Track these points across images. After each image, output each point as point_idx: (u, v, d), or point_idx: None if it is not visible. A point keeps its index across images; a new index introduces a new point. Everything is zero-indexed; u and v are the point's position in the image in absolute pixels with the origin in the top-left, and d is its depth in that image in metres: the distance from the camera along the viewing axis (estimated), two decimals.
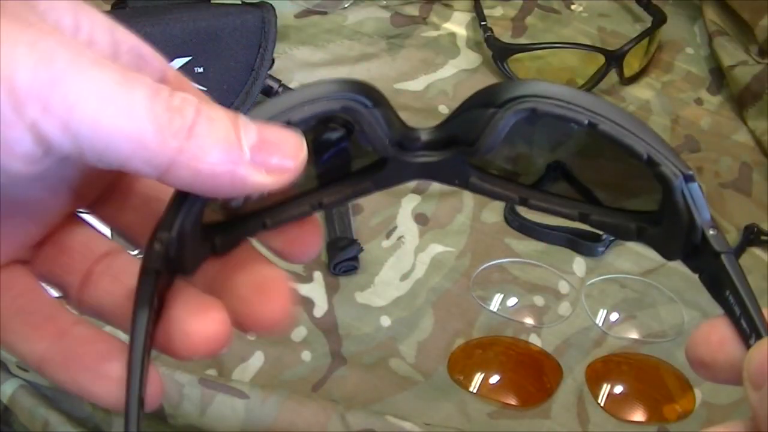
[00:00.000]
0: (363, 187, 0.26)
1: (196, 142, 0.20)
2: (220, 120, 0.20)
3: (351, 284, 0.55)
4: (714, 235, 0.23)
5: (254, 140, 0.20)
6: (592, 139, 0.23)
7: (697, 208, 0.23)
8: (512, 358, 0.52)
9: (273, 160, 0.21)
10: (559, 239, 0.58)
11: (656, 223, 0.24)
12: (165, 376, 0.45)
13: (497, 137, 0.23)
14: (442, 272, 0.56)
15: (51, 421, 0.47)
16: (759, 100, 0.66)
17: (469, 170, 0.25)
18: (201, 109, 0.20)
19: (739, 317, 0.23)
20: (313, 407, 0.45)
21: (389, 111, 0.24)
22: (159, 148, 0.19)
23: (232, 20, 0.60)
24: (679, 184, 0.23)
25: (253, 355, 0.51)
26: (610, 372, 0.52)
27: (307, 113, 0.22)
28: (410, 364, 0.52)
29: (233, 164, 0.20)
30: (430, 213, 0.60)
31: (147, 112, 0.19)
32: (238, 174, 0.20)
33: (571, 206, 0.25)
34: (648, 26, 0.71)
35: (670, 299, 0.55)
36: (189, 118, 0.20)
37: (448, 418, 0.49)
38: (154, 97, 0.19)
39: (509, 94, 0.23)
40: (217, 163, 0.20)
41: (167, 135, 0.19)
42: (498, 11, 0.76)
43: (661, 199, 0.24)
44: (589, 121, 0.22)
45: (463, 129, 0.24)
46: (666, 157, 0.23)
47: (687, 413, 0.50)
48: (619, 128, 0.22)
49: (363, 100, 0.23)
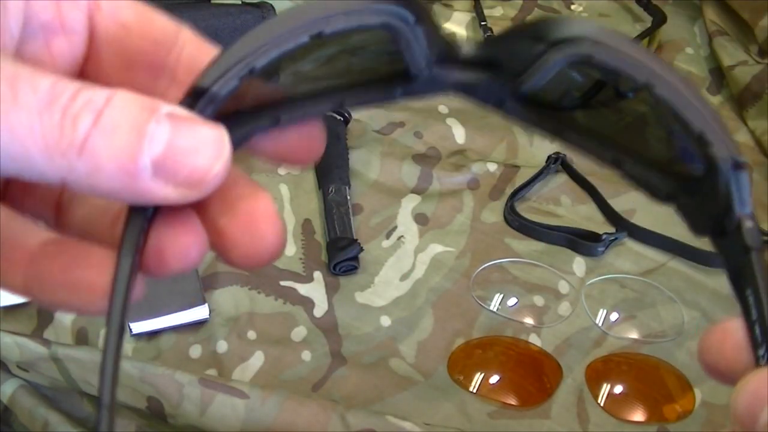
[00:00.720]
0: (390, 94, 0.23)
1: (88, 160, 0.18)
2: (121, 129, 0.18)
3: (351, 284, 0.55)
4: (750, 228, 0.21)
5: (159, 151, 0.18)
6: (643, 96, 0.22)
7: (740, 198, 0.21)
8: (512, 358, 0.52)
9: (180, 174, 0.19)
10: (559, 239, 0.58)
11: (691, 194, 0.23)
12: (165, 376, 0.45)
13: (542, 78, 0.21)
14: (442, 272, 0.56)
15: (51, 421, 0.47)
16: (759, 100, 0.66)
17: (507, 94, 0.23)
18: (101, 116, 0.18)
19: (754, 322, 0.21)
20: (313, 407, 0.45)
21: (432, 28, 0.22)
22: (47, 167, 0.18)
23: (232, 20, 0.60)
24: (727, 170, 0.21)
25: (253, 355, 0.51)
26: (610, 372, 0.52)
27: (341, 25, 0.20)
28: (410, 364, 0.52)
29: (131, 180, 0.18)
30: (430, 213, 0.60)
31: (31, 131, 0.18)
32: (138, 189, 0.18)
33: (607, 148, 0.23)
34: (648, 26, 0.71)
35: (670, 299, 0.56)
36: (83, 130, 0.18)
37: (448, 418, 0.49)
38: (46, 109, 0.18)
39: (564, 33, 0.21)
40: (112, 179, 0.18)
41: (55, 154, 0.18)
42: (498, 11, 0.76)
43: (703, 175, 0.22)
44: (646, 82, 0.21)
45: (508, 56, 0.22)
46: (720, 138, 0.21)
47: (687, 413, 0.50)
48: (676, 95, 0.21)
49: (406, 16, 0.21)
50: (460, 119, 0.66)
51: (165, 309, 0.51)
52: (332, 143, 0.62)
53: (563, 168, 0.63)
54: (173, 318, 0.51)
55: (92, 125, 0.18)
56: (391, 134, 0.65)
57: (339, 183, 0.59)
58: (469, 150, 0.64)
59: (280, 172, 0.62)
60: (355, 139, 0.64)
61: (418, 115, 0.66)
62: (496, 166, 0.63)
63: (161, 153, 0.18)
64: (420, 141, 0.64)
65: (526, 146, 0.65)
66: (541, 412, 0.50)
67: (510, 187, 0.62)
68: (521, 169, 0.63)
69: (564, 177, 0.63)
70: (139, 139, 0.18)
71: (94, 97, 0.18)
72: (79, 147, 0.18)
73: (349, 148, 0.62)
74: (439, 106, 0.67)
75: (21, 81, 0.18)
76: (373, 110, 0.66)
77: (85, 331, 0.51)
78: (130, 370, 0.45)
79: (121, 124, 0.18)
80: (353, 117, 0.64)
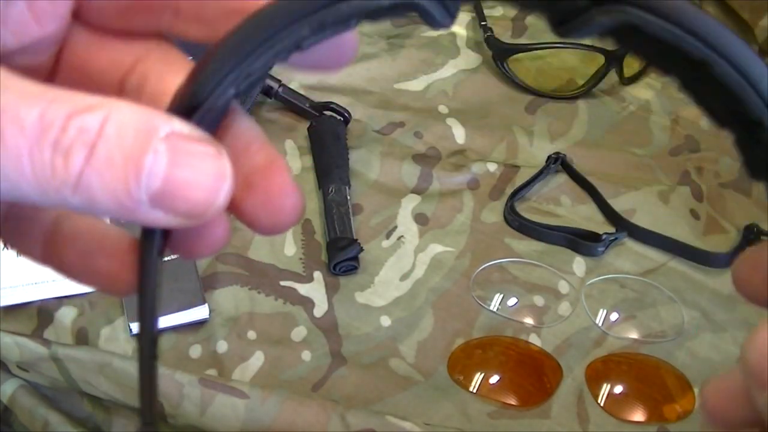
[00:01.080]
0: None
1: (83, 195, 0.17)
2: (116, 164, 0.17)
3: (351, 284, 0.55)
4: None
5: (157, 186, 0.17)
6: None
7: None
8: (512, 358, 0.52)
9: (180, 208, 0.18)
10: (559, 239, 0.58)
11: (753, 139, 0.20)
12: (165, 376, 0.45)
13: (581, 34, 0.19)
14: (442, 272, 0.56)
15: (51, 421, 0.47)
16: None
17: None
18: (95, 150, 0.17)
19: None
20: (313, 407, 0.45)
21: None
22: (40, 201, 0.17)
23: None
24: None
25: (253, 355, 0.51)
26: (610, 372, 0.52)
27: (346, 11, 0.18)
28: (410, 364, 0.52)
29: (129, 212, 0.18)
30: (430, 213, 0.60)
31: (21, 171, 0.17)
32: (137, 218, 0.18)
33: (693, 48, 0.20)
34: None
35: (670, 299, 0.56)
36: (76, 167, 0.17)
37: (448, 418, 0.49)
38: (36, 146, 0.17)
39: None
40: (109, 210, 0.18)
41: (48, 191, 0.17)
42: (498, 11, 0.76)
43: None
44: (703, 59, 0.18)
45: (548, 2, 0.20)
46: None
47: (687, 413, 0.50)
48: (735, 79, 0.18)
49: None
50: (460, 119, 0.66)
51: (165, 309, 0.51)
52: (332, 143, 0.62)
53: (563, 168, 0.63)
54: (173, 318, 0.51)
55: (85, 162, 0.17)
56: (391, 134, 0.65)
57: (339, 183, 0.59)
58: (469, 150, 0.64)
59: None
60: (355, 139, 0.64)
61: (418, 115, 0.66)
62: (496, 166, 0.63)
63: (159, 188, 0.17)
64: (420, 141, 0.64)
65: (526, 146, 0.65)
66: (541, 412, 0.50)
67: (510, 187, 0.62)
68: (521, 169, 0.63)
69: (564, 177, 0.63)
70: (135, 174, 0.17)
71: (86, 124, 0.17)
72: (73, 185, 0.17)
73: (349, 148, 0.62)
74: (439, 106, 0.67)
75: (5, 117, 0.17)
76: (373, 110, 0.66)
77: (85, 331, 0.51)
78: (130, 370, 0.45)
79: (115, 157, 0.17)
80: (353, 117, 0.64)
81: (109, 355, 0.46)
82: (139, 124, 0.17)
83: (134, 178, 0.17)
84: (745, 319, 0.55)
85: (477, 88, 0.69)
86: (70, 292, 0.52)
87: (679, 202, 0.62)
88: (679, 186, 0.63)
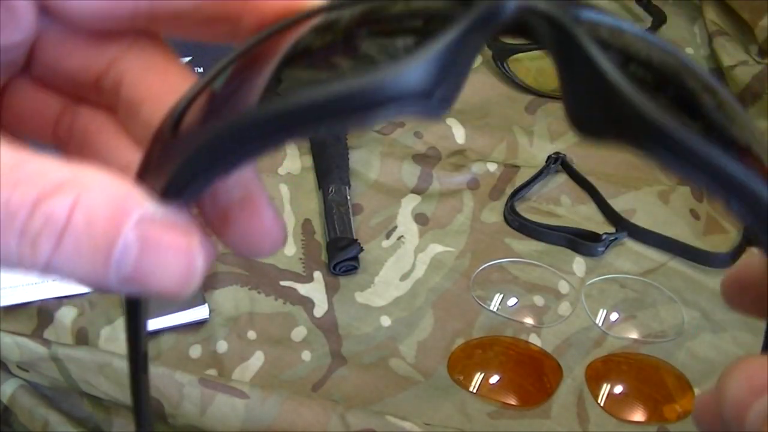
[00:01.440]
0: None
1: (53, 275, 0.17)
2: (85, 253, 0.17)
3: (351, 284, 0.55)
4: None
5: (127, 272, 0.17)
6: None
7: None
8: (512, 358, 0.52)
9: (150, 290, 0.18)
10: (559, 239, 0.58)
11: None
12: (165, 376, 0.45)
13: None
14: (442, 272, 0.56)
15: (51, 421, 0.47)
16: (759, 100, 0.66)
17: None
18: (62, 239, 0.17)
19: None
20: (313, 407, 0.45)
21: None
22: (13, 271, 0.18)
23: None
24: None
25: (253, 355, 0.51)
26: (610, 372, 0.52)
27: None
28: (410, 364, 0.52)
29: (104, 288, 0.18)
30: (430, 213, 0.60)
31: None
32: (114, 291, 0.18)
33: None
34: (648, 26, 0.71)
35: (670, 299, 0.56)
36: (44, 255, 0.17)
37: (448, 418, 0.49)
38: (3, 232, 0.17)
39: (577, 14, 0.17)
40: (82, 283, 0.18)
41: (17, 269, 0.17)
42: None
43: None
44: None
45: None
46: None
47: (687, 413, 0.50)
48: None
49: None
50: (460, 119, 0.66)
51: (165, 309, 0.51)
52: (332, 143, 0.62)
53: (563, 168, 0.63)
54: (173, 318, 0.51)
55: (52, 251, 0.17)
56: (391, 134, 0.65)
57: (339, 183, 0.59)
58: (469, 150, 0.64)
59: (280, 172, 0.62)
60: (355, 139, 0.64)
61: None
62: (496, 166, 0.63)
63: (129, 274, 0.17)
64: (420, 141, 0.64)
65: (526, 146, 0.65)
66: (541, 412, 0.50)
67: (510, 187, 0.62)
68: (521, 169, 0.63)
69: (564, 177, 0.63)
70: (104, 263, 0.17)
71: (53, 211, 0.16)
72: (41, 269, 0.17)
73: (349, 148, 0.62)
74: None
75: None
76: None
77: (85, 331, 0.51)
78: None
79: (83, 248, 0.17)
80: None
81: (109, 355, 0.46)
82: (109, 209, 0.17)
83: (103, 266, 0.17)
84: (745, 319, 0.55)
85: (477, 88, 0.69)
86: (70, 292, 0.52)
87: (679, 202, 0.62)
88: (679, 186, 0.63)
